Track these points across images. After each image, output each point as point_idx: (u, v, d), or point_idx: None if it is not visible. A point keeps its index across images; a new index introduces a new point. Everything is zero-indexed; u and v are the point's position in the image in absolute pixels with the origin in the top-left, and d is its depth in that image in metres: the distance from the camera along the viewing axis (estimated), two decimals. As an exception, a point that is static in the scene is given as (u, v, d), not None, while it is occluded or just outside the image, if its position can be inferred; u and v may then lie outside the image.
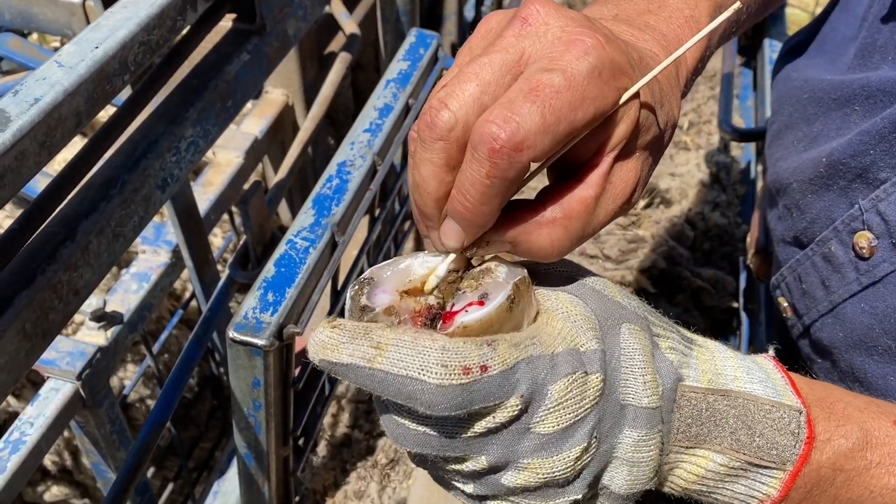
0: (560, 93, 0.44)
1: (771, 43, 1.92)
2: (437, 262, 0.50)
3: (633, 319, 0.51)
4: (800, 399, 0.53)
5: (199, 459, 1.97)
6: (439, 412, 0.43)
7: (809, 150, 0.79)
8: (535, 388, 0.46)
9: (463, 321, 0.45)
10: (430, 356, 0.43)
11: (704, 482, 0.52)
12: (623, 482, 0.50)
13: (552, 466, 0.47)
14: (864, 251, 0.68)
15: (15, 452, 1.10)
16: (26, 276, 0.76)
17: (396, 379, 0.43)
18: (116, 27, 0.83)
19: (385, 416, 0.48)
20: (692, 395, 0.52)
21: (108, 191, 0.87)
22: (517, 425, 0.46)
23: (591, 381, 0.47)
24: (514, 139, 0.43)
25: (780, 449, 0.51)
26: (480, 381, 0.43)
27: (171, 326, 1.77)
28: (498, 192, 0.45)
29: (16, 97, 0.72)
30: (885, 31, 0.75)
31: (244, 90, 1.11)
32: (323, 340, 0.45)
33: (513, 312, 0.47)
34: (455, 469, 0.48)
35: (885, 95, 0.70)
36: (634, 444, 0.49)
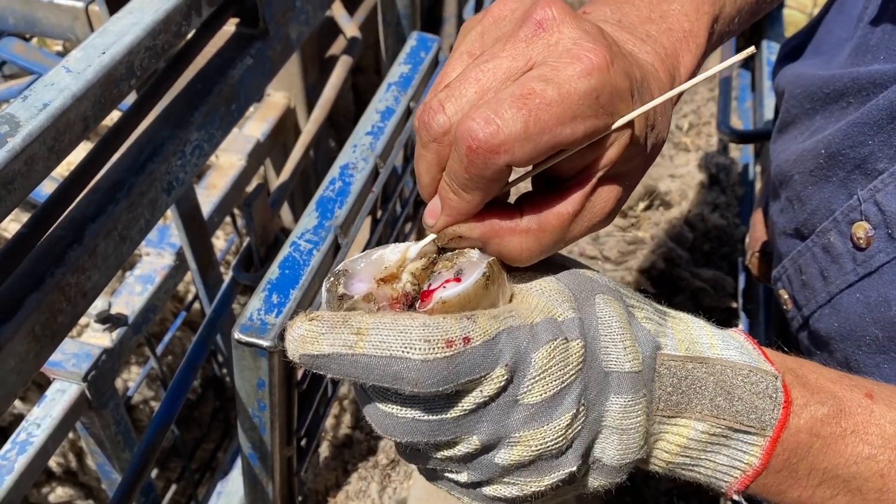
0: (550, 106, 0.44)
1: (769, 44, 1.93)
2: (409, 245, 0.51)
3: (606, 291, 0.52)
4: (773, 366, 0.54)
5: (202, 460, 1.98)
6: (426, 388, 0.43)
7: (808, 141, 0.80)
8: (519, 358, 0.46)
9: (441, 297, 0.46)
10: (411, 333, 0.43)
11: (688, 452, 0.53)
12: (615, 452, 0.50)
13: (543, 436, 0.47)
14: (862, 241, 0.69)
15: (22, 453, 1.11)
16: (35, 279, 0.77)
17: (380, 361, 0.43)
18: (123, 32, 0.84)
19: (370, 408, 0.47)
20: (671, 363, 0.52)
21: (115, 194, 0.88)
22: (505, 398, 0.46)
23: (573, 347, 0.48)
24: (491, 141, 0.43)
25: (759, 412, 0.51)
26: (464, 353, 0.44)
27: (175, 328, 1.78)
28: (477, 188, 0.46)
29: (25, 102, 0.73)
30: (878, 32, 0.76)
31: (248, 94, 1.12)
32: (301, 334, 0.44)
33: (489, 290, 0.47)
34: (447, 456, 0.48)
35: (875, 87, 0.71)
36: (622, 409, 0.49)
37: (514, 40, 0.47)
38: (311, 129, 1.62)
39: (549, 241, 0.49)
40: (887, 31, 0.74)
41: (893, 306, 0.67)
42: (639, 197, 1.54)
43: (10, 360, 0.73)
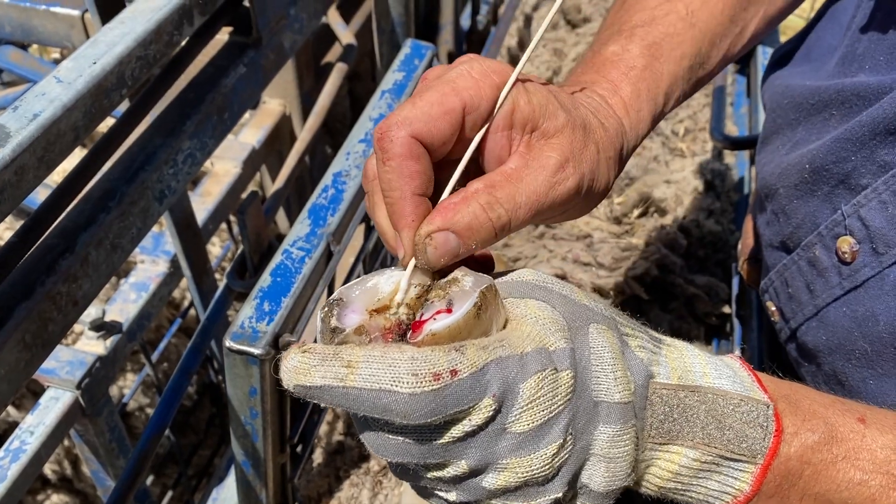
0: (433, 88, 0.52)
1: (764, 51, 1.93)
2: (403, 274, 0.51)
3: (600, 320, 0.53)
4: (766, 394, 0.54)
5: (199, 466, 1.98)
6: (415, 420, 0.44)
7: (791, 154, 0.80)
8: (507, 388, 0.46)
9: (431, 329, 0.47)
10: (400, 367, 0.44)
11: (679, 479, 0.53)
12: (602, 479, 0.51)
13: (530, 464, 0.48)
14: (847, 256, 0.70)
15: (15, 461, 1.12)
16: (26, 288, 0.78)
17: (370, 394, 0.44)
18: (114, 43, 0.85)
19: (364, 432, 0.49)
20: (663, 391, 0.53)
21: (106, 203, 0.89)
22: (493, 426, 0.47)
23: (562, 377, 0.48)
24: (388, 121, 0.50)
25: (749, 441, 0.52)
26: (451, 386, 0.45)
27: (170, 335, 1.78)
28: (400, 175, 0.50)
29: (15, 113, 0.74)
30: (865, 41, 0.76)
31: (241, 102, 1.12)
32: (295, 366, 0.46)
33: (481, 319, 0.48)
34: (436, 476, 0.49)
35: (858, 99, 0.71)
36: (609, 439, 0.50)
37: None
38: (307, 136, 1.62)
39: (504, 195, 0.52)
40: (873, 41, 0.74)
41: (881, 321, 0.67)
42: (633, 204, 1.54)
43: (0, 370, 0.73)
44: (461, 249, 0.51)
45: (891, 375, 0.67)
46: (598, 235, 1.50)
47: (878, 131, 0.67)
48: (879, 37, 0.73)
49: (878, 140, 0.67)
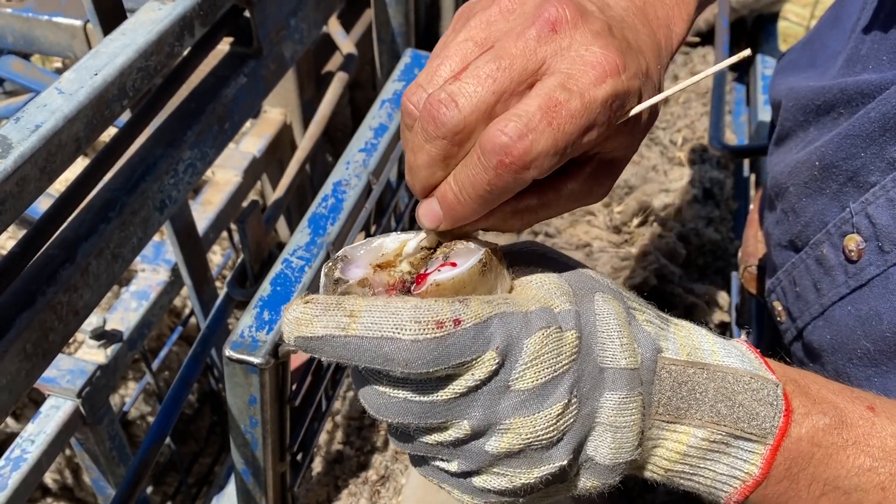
0: (574, 118, 0.44)
1: (763, 59, 1.94)
2: (409, 236, 0.51)
3: (606, 290, 0.52)
4: (775, 375, 0.53)
5: (199, 475, 1.98)
6: (416, 369, 0.44)
7: (802, 152, 0.80)
8: (511, 342, 0.46)
9: (436, 279, 0.46)
10: (402, 315, 0.44)
11: (687, 460, 0.52)
12: (608, 451, 0.50)
13: (533, 425, 0.46)
14: (853, 254, 0.69)
15: (16, 470, 1.12)
16: (27, 298, 0.78)
17: (372, 342, 0.44)
18: (115, 54, 0.85)
19: (364, 389, 0.47)
20: (672, 367, 0.51)
21: (107, 213, 0.89)
22: (496, 382, 0.46)
23: (567, 337, 0.48)
24: (525, 157, 0.44)
25: (760, 419, 0.51)
26: (454, 335, 0.44)
27: (171, 343, 1.78)
28: (495, 199, 0.46)
29: (17, 124, 0.74)
30: (868, 42, 0.77)
31: (241, 112, 1.13)
32: (297, 317, 0.45)
33: (485, 277, 0.47)
34: (438, 441, 0.48)
35: (862, 96, 0.71)
36: (616, 406, 0.49)
37: (526, 38, 0.46)
38: (307, 145, 1.62)
39: (547, 214, 0.51)
40: (876, 41, 0.75)
41: (884, 320, 0.67)
42: (633, 213, 1.54)
43: (0, 379, 0.73)
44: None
45: (894, 373, 0.67)
46: (597, 245, 1.50)
47: (888, 127, 0.66)
48: (882, 36, 0.74)
49: (887, 136, 0.67)
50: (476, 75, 0.45)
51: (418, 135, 0.46)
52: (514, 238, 1.52)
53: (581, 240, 1.51)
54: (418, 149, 0.47)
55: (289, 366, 0.95)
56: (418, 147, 0.47)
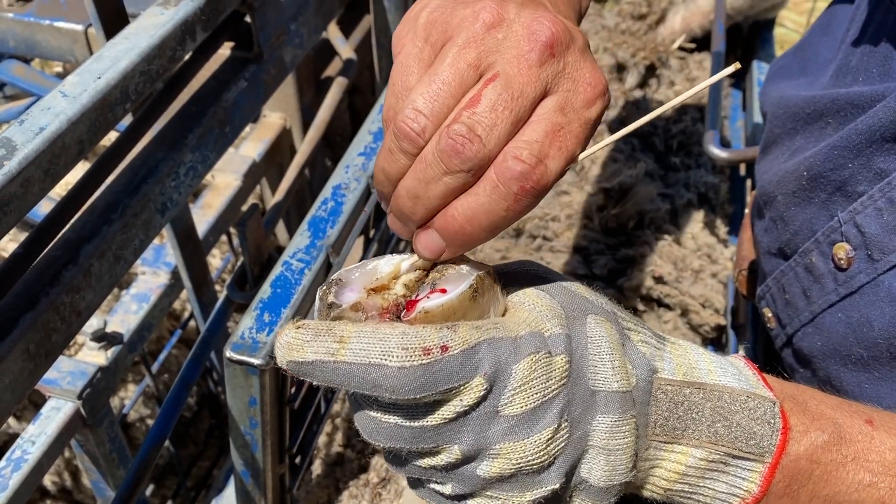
0: (577, 138, 0.47)
1: (759, 65, 1.95)
2: (404, 258, 0.52)
3: (599, 312, 0.52)
4: (772, 393, 0.54)
5: (198, 478, 1.99)
6: (403, 395, 0.44)
7: (790, 161, 0.81)
8: (499, 368, 0.46)
9: (424, 307, 0.47)
10: (390, 342, 0.44)
11: (686, 480, 0.52)
12: (601, 473, 0.50)
13: (524, 450, 0.47)
14: (843, 262, 0.70)
15: (17, 470, 1.12)
16: (30, 299, 0.79)
17: (360, 368, 0.44)
18: (118, 58, 0.86)
19: (358, 414, 0.48)
20: (668, 387, 0.52)
21: (109, 215, 0.90)
22: (485, 408, 0.46)
23: (556, 362, 0.48)
24: (542, 182, 0.46)
25: (757, 439, 0.51)
26: (441, 361, 0.44)
27: (171, 346, 1.79)
28: (506, 225, 0.48)
29: (22, 126, 0.75)
30: (857, 53, 0.78)
31: (242, 116, 1.14)
32: (288, 342, 0.46)
33: (476, 303, 0.48)
34: (430, 465, 0.48)
35: (853, 108, 0.72)
36: (608, 429, 0.49)
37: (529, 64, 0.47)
38: (306, 149, 1.64)
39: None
40: (866, 53, 0.76)
41: (875, 326, 0.68)
42: (629, 216, 1.55)
43: (4, 379, 0.74)
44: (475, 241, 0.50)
45: (886, 379, 0.68)
46: (594, 248, 1.52)
47: (875, 139, 0.68)
48: (871, 49, 0.75)
49: (874, 148, 0.68)
50: (492, 107, 0.46)
51: (433, 167, 0.47)
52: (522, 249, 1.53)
53: (578, 243, 1.52)
54: (433, 180, 0.47)
55: (288, 367, 0.95)
56: (433, 178, 0.47)
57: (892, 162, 0.67)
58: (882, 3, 0.76)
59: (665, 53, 2.03)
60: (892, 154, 0.67)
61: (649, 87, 1.98)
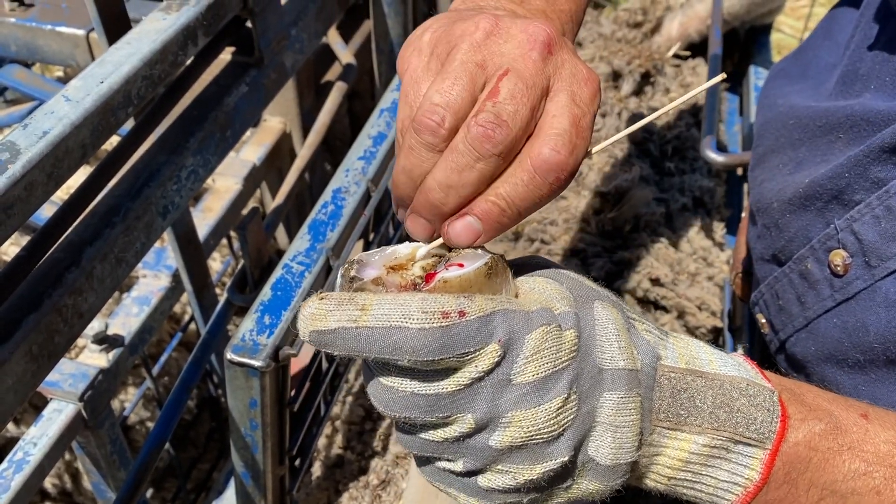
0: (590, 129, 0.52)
1: (756, 70, 1.97)
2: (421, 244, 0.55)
3: (605, 299, 0.55)
4: (770, 384, 0.55)
5: (198, 480, 1.99)
6: (422, 356, 0.46)
7: (794, 175, 0.82)
8: (513, 337, 0.48)
9: (443, 276, 0.49)
10: (411, 306, 0.46)
11: (689, 467, 0.53)
12: (608, 450, 0.51)
13: (535, 418, 0.49)
14: (839, 269, 0.71)
15: (19, 472, 1.13)
16: (33, 301, 0.80)
17: (381, 332, 0.46)
18: (121, 63, 0.87)
19: (373, 384, 0.50)
20: (671, 374, 0.53)
21: (111, 218, 0.91)
22: (498, 375, 0.48)
23: (566, 335, 0.50)
24: (573, 169, 0.51)
25: (758, 424, 0.53)
26: (459, 325, 0.46)
27: (171, 349, 1.80)
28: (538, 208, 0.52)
29: (25, 130, 0.76)
30: (868, 60, 0.78)
31: (243, 120, 1.15)
32: (312, 312, 0.47)
33: (491, 281, 0.50)
34: (443, 437, 0.50)
35: (868, 125, 0.73)
36: (615, 405, 0.51)
37: (533, 60, 0.52)
38: (306, 153, 1.65)
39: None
40: (878, 61, 0.76)
41: (871, 331, 0.69)
42: (625, 220, 1.56)
43: (7, 379, 0.75)
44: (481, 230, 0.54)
45: (883, 381, 0.69)
46: (591, 251, 1.53)
47: (873, 149, 0.69)
48: (886, 57, 0.75)
49: (871, 158, 0.69)
50: (512, 96, 0.50)
51: (466, 155, 0.50)
52: (521, 253, 1.54)
53: (576, 246, 1.53)
54: (466, 168, 0.50)
55: (289, 370, 0.96)
56: (466, 166, 0.50)
57: (889, 171, 0.68)
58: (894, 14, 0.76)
59: (660, 61, 2.04)
60: (890, 164, 0.68)
61: (645, 94, 2.00)
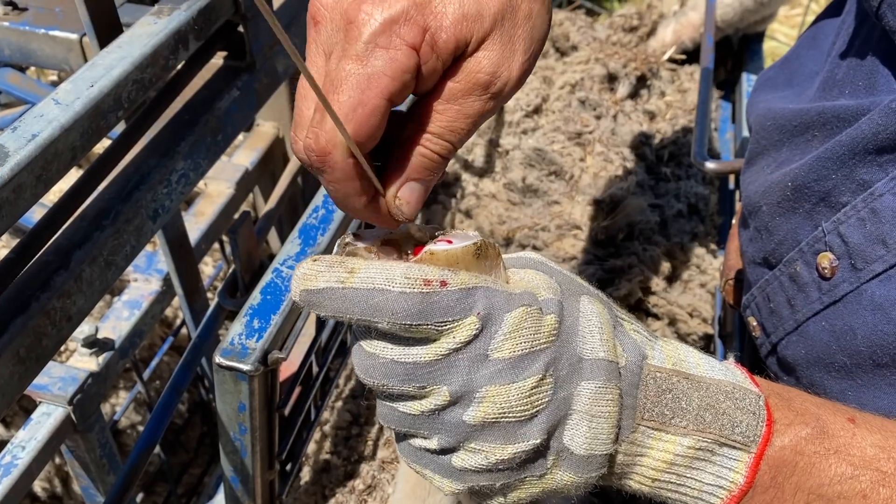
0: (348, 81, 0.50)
1: (748, 77, 1.97)
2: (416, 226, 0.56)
3: (593, 295, 0.55)
4: (758, 388, 0.56)
5: (189, 485, 1.98)
6: (401, 320, 0.47)
7: (775, 173, 0.83)
8: (492, 312, 0.49)
9: (430, 248, 0.51)
10: (394, 271, 0.48)
11: (674, 469, 0.54)
12: (583, 440, 0.52)
13: (508, 394, 0.49)
14: (827, 271, 0.72)
15: (7, 475, 1.13)
16: (21, 303, 0.79)
17: (363, 293, 0.48)
18: (111, 66, 0.87)
19: (356, 349, 0.52)
20: (657, 373, 0.54)
21: (101, 221, 0.91)
22: (475, 349, 0.49)
23: (547, 319, 0.51)
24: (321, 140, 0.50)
25: (743, 427, 0.53)
26: (440, 294, 0.48)
27: (162, 353, 1.79)
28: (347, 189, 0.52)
29: (14, 133, 0.76)
30: (843, 67, 0.79)
31: (234, 124, 1.15)
32: (304, 273, 0.50)
33: (479, 262, 0.51)
34: (419, 410, 0.51)
35: (839, 121, 0.73)
36: (592, 394, 0.51)
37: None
38: (299, 157, 1.64)
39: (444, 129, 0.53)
40: (852, 67, 0.77)
41: (858, 335, 0.69)
42: (618, 227, 1.57)
43: (-6, 382, 0.75)
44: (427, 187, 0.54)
45: (869, 386, 0.69)
46: (583, 258, 1.53)
47: (857, 150, 0.69)
48: (858, 63, 0.76)
49: (857, 159, 0.69)
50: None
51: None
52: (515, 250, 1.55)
53: (568, 252, 1.54)
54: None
55: (278, 374, 0.96)
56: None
57: (874, 173, 0.68)
58: (868, 18, 0.77)
59: (656, 65, 2.05)
60: (875, 166, 0.68)
61: (640, 97, 2.00)
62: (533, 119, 1.89)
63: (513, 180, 1.70)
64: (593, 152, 1.71)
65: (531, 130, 1.85)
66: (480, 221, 1.64)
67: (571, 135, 1.78)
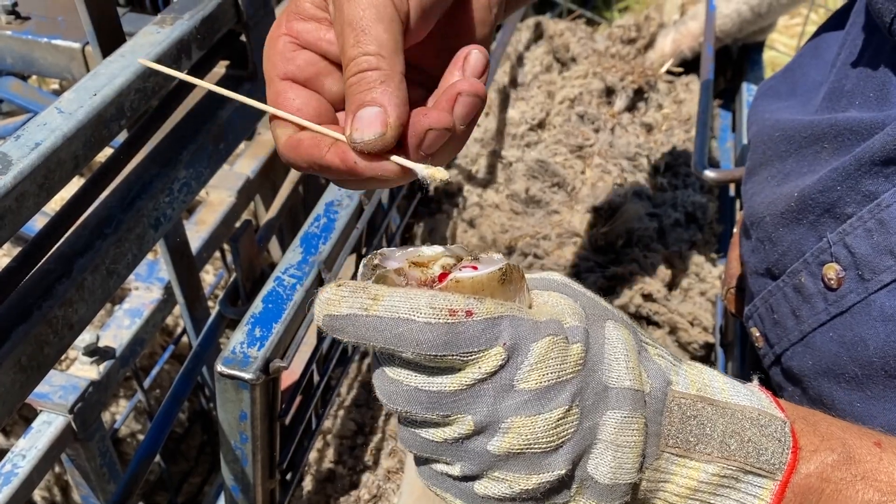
0: None
1: (748, 87, 1.98)
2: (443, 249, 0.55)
3: (619, 320, 0.55)
4: (783, 413, 0.55)
5: (189, 494, 1.98)
6: (426, 350, 0.47)
7: (782, 186, 0.82)
8: (518, 342, 0.48)
9: (456, 276, 0.50)
10: (419, 300, 0.47)
11: (697, 496, 0.53)
12: (608, 469, 0.51)
13: (534, 425, 0.48)
14: (833, 282, 0.71)
15: (7, 484, 1.12)
16: (23, 311, 0.80)
17: (388, 322, 0.47)
18: (114, 75, 0.88)
19: (379, 374, 0.51)
20: (682, 399, 0.53)
21: (103, 230, 0.91)
22: (501, 380, 0.48)
23: (573, 349, 0.50)
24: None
25: (768, 455, 0.53)
26: (465, 324, 0.47)
27: (163, 361, 1.79)
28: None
29: (17, 141, 0.76)
30: (853, 77, 0.79)
31: (236, 133, 1.15)
32: (328, 298, 0.49)
33: (504, 288, 0.50)
34: (443, 437, 0.50)
35: (851, 134, 0.73)
36: (617, 424, 0.51)
37: None
38: (301, 166, 1.65)
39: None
40: (862, 77, 0.77)
41: (870, 345, 0.68)
42: (618, 235, 1.57)
43: (-4, 390, 0.75)
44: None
45: (879, 398, 0.69)
46: (584, 266, 1.53)
47: (863, 162, 0.69)
48: (869, 73, 0.76)
49: (862, 171, 0.69)
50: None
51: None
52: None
53: (569, 260, 1.54)
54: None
55: (279, 383, 0.96)
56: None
57: (880, 185, 0.68)
58: (878, 31, 0.77)
59: (653, 77, 2.06)
60: (881, 177, 0.68)
61: (637, 109, 2.01)
62: (536, 132, 1.90)
63: (516, 191, 1.70)
64: (592, 164, 1.72)
65: (534, 143, 1.86)
66: (483, 231, 1.64)
67: (573, 147, 1.78)
